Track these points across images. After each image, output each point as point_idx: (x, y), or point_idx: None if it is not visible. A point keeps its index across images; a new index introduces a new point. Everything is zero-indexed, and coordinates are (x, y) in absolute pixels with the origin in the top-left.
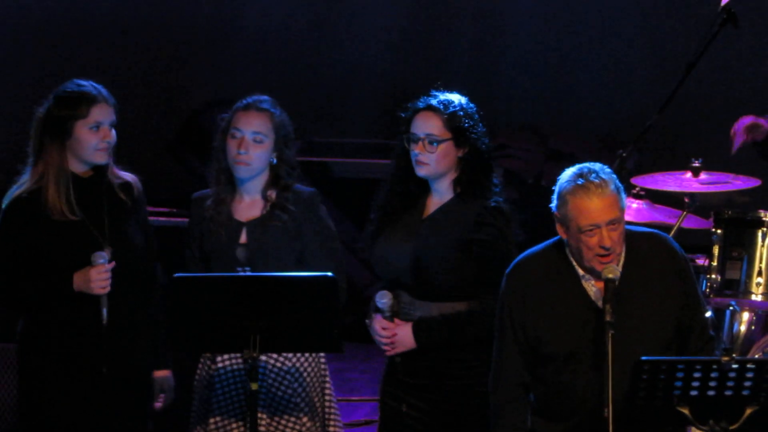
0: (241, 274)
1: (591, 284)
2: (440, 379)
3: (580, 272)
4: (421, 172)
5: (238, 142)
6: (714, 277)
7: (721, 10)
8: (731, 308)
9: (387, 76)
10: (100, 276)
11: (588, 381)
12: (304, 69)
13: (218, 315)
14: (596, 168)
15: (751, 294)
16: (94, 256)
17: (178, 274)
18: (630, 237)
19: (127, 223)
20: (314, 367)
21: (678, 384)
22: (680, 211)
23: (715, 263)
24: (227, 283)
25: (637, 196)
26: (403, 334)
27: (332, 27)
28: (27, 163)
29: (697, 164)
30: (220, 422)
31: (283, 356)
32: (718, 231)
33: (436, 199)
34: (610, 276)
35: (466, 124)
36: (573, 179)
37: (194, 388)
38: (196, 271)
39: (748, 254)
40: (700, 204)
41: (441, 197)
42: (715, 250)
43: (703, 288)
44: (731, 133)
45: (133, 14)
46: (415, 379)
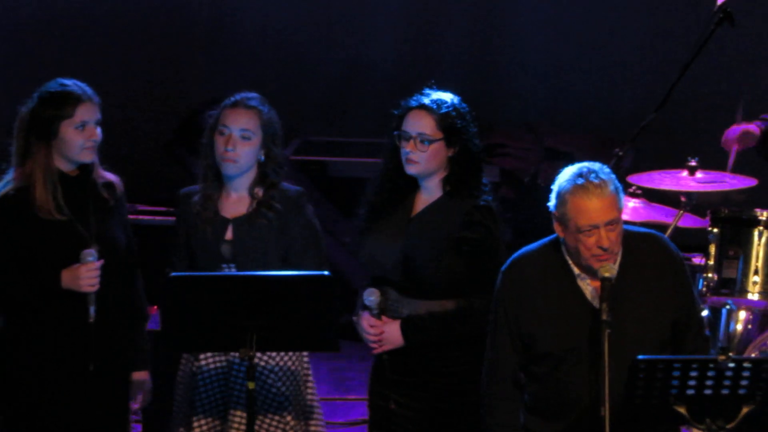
0: (237, 273)
1: (587, 284)
2: (428, 376)
3: (576, 271)
4: (411, 170)
5: (226, 140)
6: (711, 276)
7: (717, 9)
8: (728, 307)
9: (386, 75)
10: (89, 273)
11: (583, 380)
12: (302, 68)
13: (215, 314)
14: (596, 168)
15: (748, 293)
16: (84, 254)
17: (175, 273)
18: (627, 237)
19: (111, 222)
20: (297, 365)
21: (675, 383)
22: (677, 210)
23: (711, 262)
24: (224, 282)
25: (633, 195)
26: (391, 332)
27: (331, 27)
28: (11, 163)
29: (693, 163)
30: (203, 420)
31: (267, 355)
32: (715, 230)
33: (424, 197)
34: (607, 275)
35: (458, 125)
36: (572, 179)
37: (176, 385)
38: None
39: (744, 253)
40: (697, 203)
41: (430, 195)
42: (712, 249)
43: (700, 287)
44: (722, 142)
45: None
46: (402, 376)
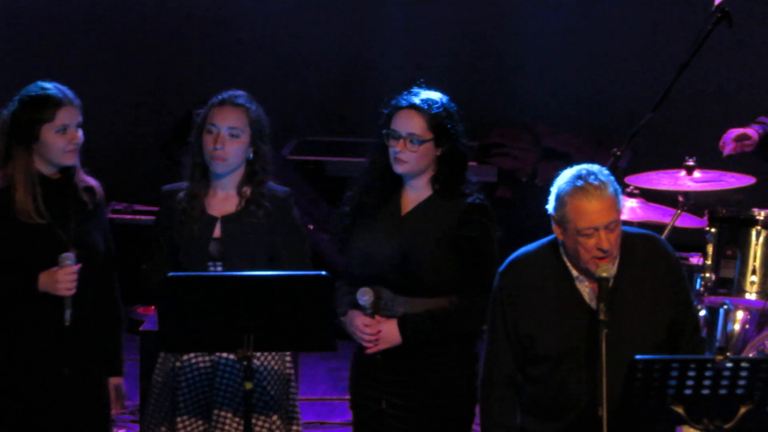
0: (235, 273)
1: (585, 285)
2: (421, 374)
3: (574, 273)
4: (399, 170)
5: (214, 138)
6: (708, 275)
7: (714, 9)
8: (725, 307)
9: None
10: (67, 277)
11: (581, 380)
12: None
13: (212, 314)
14: (595, 170)
15: (746, 293)
16: (62, 258)
17: (172, 273)
18: (623, 237)
19: (90, 227)
20: (280, 365)
21: (672, 383)
22: (674, 210)
23: (709, 262)
24: (222, 282)
25: (631, 195)
26: (388, 331)
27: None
28: None
29: (691, 163)
30: (187, 419)
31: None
32: (713, 229)
33: (412, 196)
34: (604, 275)
35: (448, 125)
36: (572, 181)
37: (152, 382)
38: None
39: (742, 253)
40: (694, 202)
41: (418, 194)
42: (710, 249)
43: (698, 287)
44: (720, 145)
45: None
46: (395, 375)
